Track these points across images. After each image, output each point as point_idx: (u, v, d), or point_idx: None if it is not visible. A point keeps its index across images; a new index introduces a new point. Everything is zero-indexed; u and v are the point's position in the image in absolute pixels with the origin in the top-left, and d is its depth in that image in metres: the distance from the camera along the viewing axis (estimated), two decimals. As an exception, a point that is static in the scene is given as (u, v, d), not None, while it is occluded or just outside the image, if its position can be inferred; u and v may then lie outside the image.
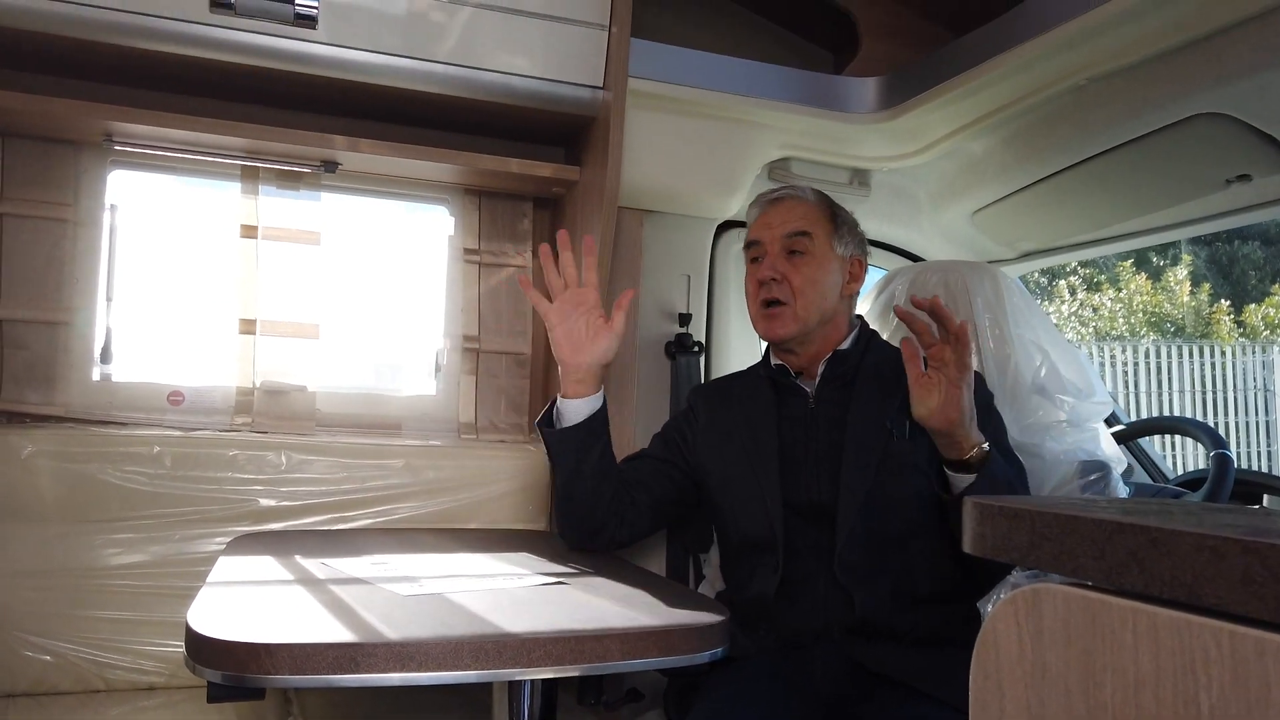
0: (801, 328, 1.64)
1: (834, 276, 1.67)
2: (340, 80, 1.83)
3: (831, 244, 1.69)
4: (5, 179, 1.88)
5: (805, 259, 1.65)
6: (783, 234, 1.67)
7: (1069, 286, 12.44)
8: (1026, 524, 0.49)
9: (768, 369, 1.76)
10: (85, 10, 1.64)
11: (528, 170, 2.06)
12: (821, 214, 1.70)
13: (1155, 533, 0.42)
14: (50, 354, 1.91)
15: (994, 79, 1.77)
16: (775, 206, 1.72)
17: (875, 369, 1.67)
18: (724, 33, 2.32)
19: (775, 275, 1.64)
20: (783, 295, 1.64)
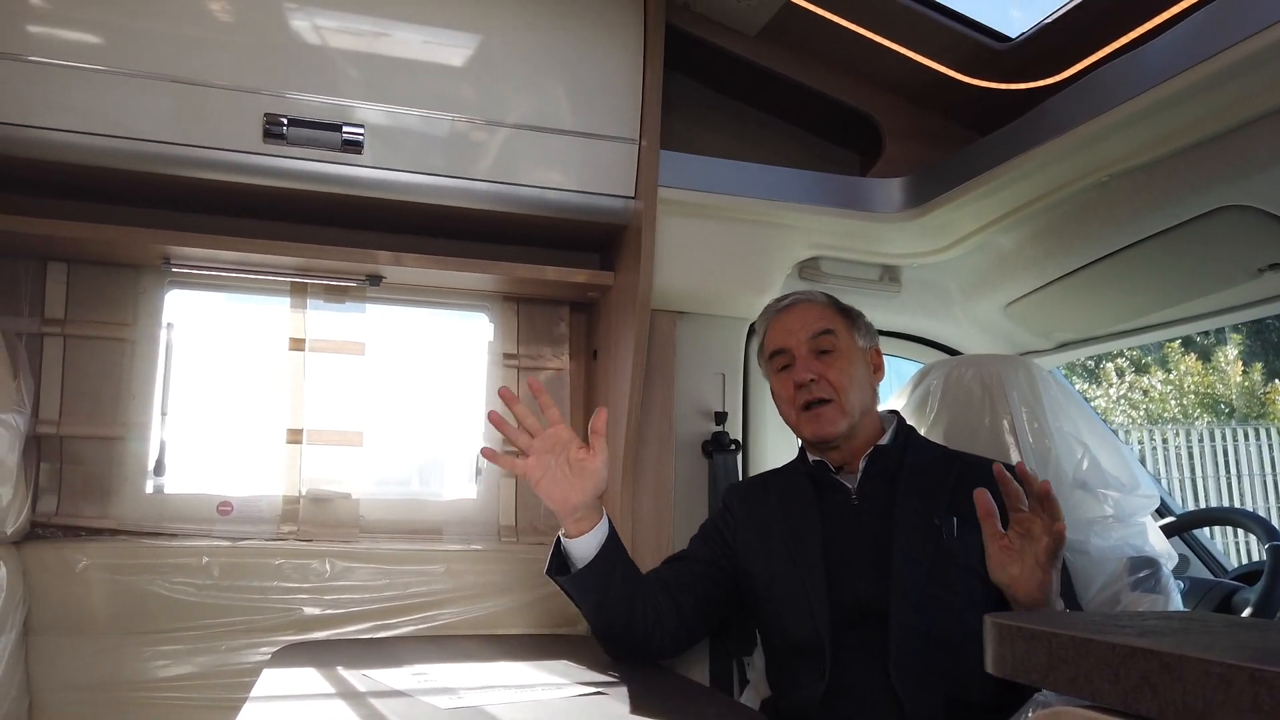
0: (849, 423, 1.67)
1: (863, 369, 1.72)
2: (384, 200, 1.93)
3: (853, 338, 1.75)
4: (70, 302, 1.98)
5: (835, 356, 1.70)
6: (808, 336, 1.72)
7: (1116, 369, 12.24)
8: (1044, 645, 0.49)
9: (806, 465, 1.75)
10: (147, 145, 1.76)
11: (563, 277, 2.12)
12: (836, 312, 1.78)
13: (1167, 658, 0.42)
14: (106, 468, 1.97)
15: (1017, 176, 1.81)
16: (790, 312, 1.78)
17: (918, 465, 1.66)
18: (751, 140, 2.40)
19: (813, 375, 1.68)
20: (825, 393, 1.68)
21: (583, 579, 1.58)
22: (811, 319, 1.75)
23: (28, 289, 1.95)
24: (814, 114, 2.37)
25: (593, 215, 2.05)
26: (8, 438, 1.67)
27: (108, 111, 1.73)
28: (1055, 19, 1.85)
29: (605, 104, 2.01)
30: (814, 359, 1.70)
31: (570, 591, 1.62)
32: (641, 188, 2.01)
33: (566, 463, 1.59)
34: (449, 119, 1.92)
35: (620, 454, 2.05)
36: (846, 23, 2.05)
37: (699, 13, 2.11)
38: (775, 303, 1.85)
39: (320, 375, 2.13)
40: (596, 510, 1.61)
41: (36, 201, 1.92)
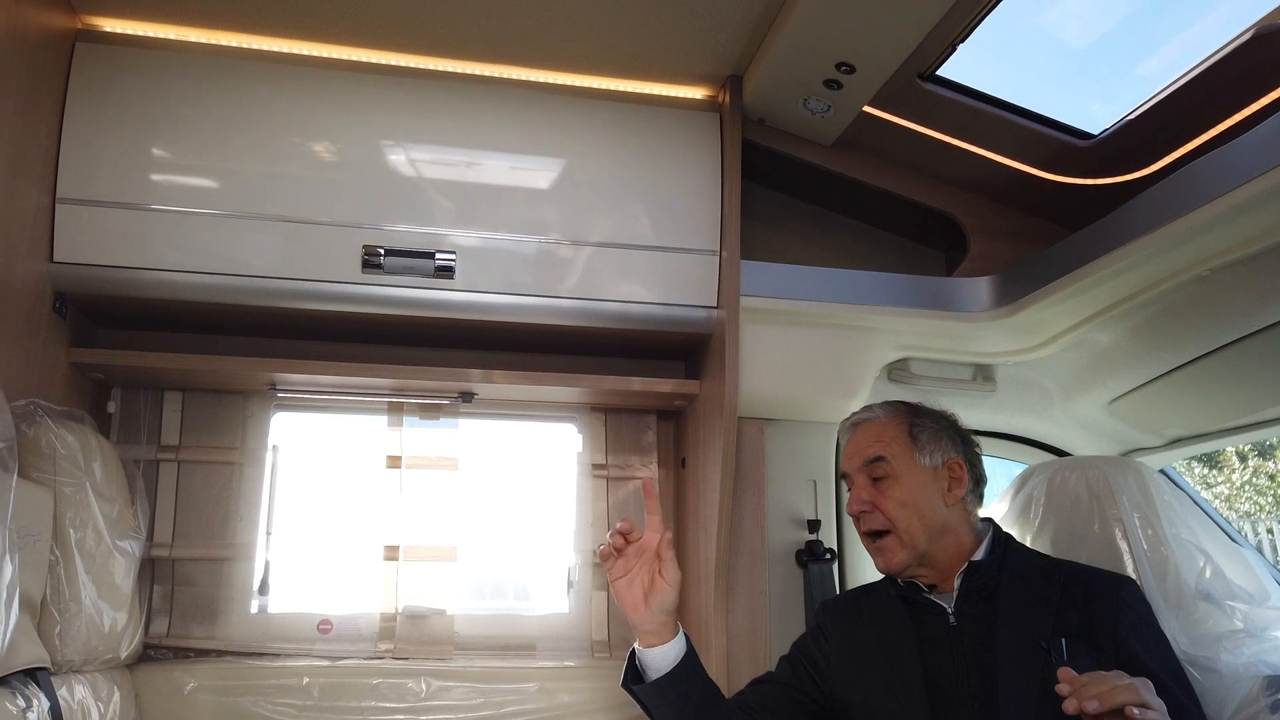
0: (910, 554, 1.58)
1: (926, 490, 1.61)
2: (475, 320, 1.99)
3: (913, 458, 1.63)
4: (183, 428, 2.09)
5: (889, 483, 1.62)
6: (861, 463, 1.65)
7: (1238, 453, 11.53)
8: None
9: (897, 586, 1.66)
10: (257, 280, 1.87)
11: (649, 388, 2.14)
12: (897, 431, 1.67)
13: None
14: (214, 589, 2.04)
15: (1111, 273, 1.76)
16: (853, 435, 1.72)
17: (1018, 579, 1.56)
18: (833, 244, 2.41)
19: (865, 506, 1.62)
20: (878, 524, 1.60)
21: (660, 690, 1.54)
22: (866, 443, 1.67)
23: (146, 418, 2.07)
24: (895, 216, 2.37)
25: (676, 326, 2.07)
26: (124, 564, 1.74)
27: (222, 251, 1.86)
28: (1139, 115, 1.83)
29: (685, 219, 2.05)
30: (869, 486, 1.63)
31: (646, 703, 1.57)
32: (723, 297, 2.03)
33: (647, 574, 1.55)
34: (535, 241, 1.99)
35: (712, 565, 2.02)
36: (923, 129, 2.06)
37: (774, 127, 2.16)
38: (847, 419, 1.78)
39: (415, 491, 2.18)
40: (672, 625, 1.57)
41: (156, 335, 2.05)
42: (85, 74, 1.83)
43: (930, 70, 1.91)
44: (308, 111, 1.93)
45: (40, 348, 1.76)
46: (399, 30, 1.91)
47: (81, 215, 1.80)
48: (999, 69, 2.02)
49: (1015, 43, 2.00)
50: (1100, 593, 1.51)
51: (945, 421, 1.71)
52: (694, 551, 2.16)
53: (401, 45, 1.97)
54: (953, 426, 1.72)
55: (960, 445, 1.68)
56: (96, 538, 1.67)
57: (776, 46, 1.85)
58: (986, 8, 1.72)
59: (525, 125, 2.04)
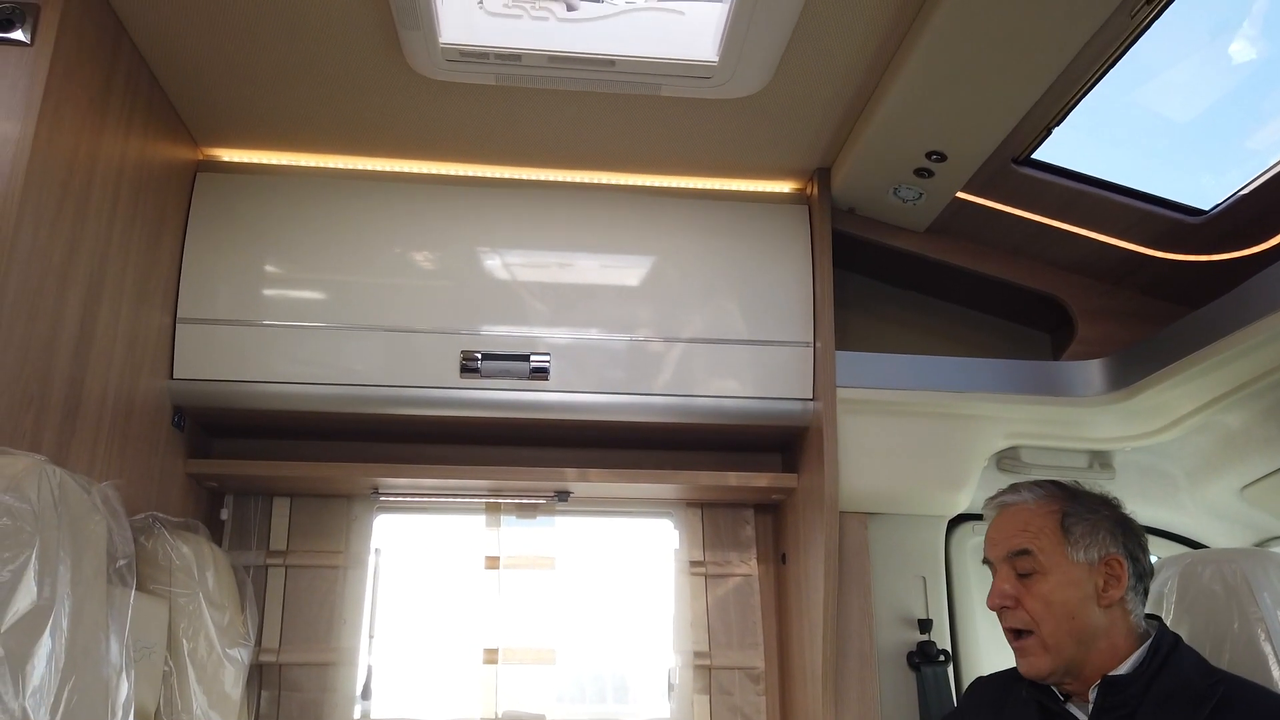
0: (1056, 660, 1.43)
1: (1079, 590, 1.45)
2: (570, 420, 2.01)
3: (1065, 553, 1.47)
4: (291, 533, 2.14)
5: (1036, 579, 1.46)
6: (1005, 553, 1.51)
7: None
8: None
9: (1034, 688, 1.53)
10: (361, 389, 1.93)
11: (745, 482, 2.11)
12: (1046, 520, 1.50)
13: None
14: (319, 694, 2.06)
15: (1235, 354, 1.66)
16: (1000, 517, 1.56)
17: (1166, 699, 1.38)
18: (932, 330, 2.35)
19: (1007, 601, 1.48)
20: (1021, 623, 1.47)
21: None
22: (1012, 531, 1.51)
23: (256, 524, 2.13)
24: (995, 299, 2.30)
25: (772, 419, 2.04)
26: (234, 673, 1.77)
27: (328, 361, 1.93)
28: (1253, 188, 1.75)
29: (778, 311, 2.04)
30: (1014, 579, 1.48)
31: None
32: (819, 389, 2.00)
33: None
34: (627, 338, 2.01)
35: (819, 668, 1.94)
36: (1021, 212, 2.01)
37: (864, 216, 2.14)
38: (993, 497, 1.61)
39: (514, 592, 2.17)
40: None
41: (265, 444, 2.13)
42: (205, 201, 1.96)
43: (1025, 154, 1.88)
44: (407, 224, 2.01)
45: (160, 461, 1.84)
46: (493, 144, 1.99)
47: (199, 334, 1.90)
48: (1099, 148, 1.97)
49: (1115, 121, 1.95)
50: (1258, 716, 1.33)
51: (1106, 510, 1.55)
52: (799, 653, 2.08)
53: (495, 158, 2.05)
54: (1114, 515, 1.54)
55: (1120, 537, 1.51)
56: (208, 647, 1.70)
57: (865, 138, 1.85)
58: (1083, 90, 1.68)
59: (616, 225, 2.08)
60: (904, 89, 1.68)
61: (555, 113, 1.86)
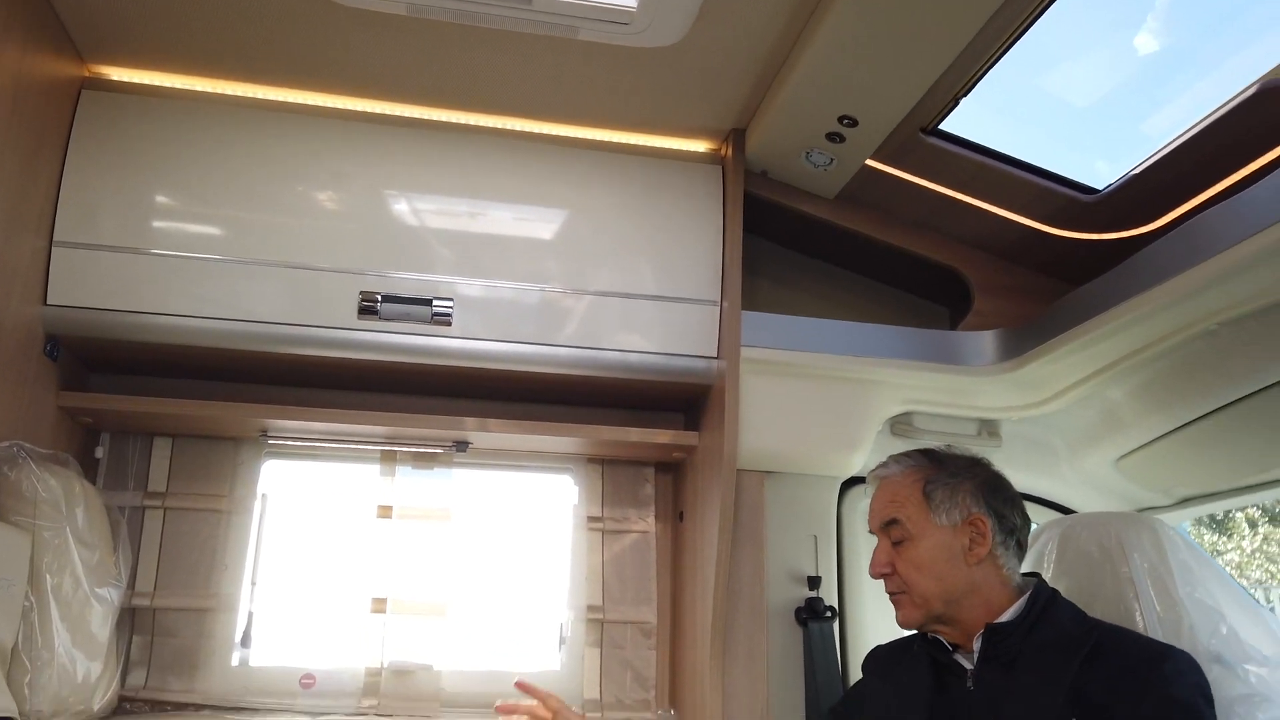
0: (926, 613, 1.53)
1: (944, 552, 1.54)
2: (471, 369, 1.97)
3: (929, 519, 1.56)
4: (172, 475, 2.05)
5: (905, 546, 1.57)
6: (879, 524, 1.62)
7: (1248, 519, 11.37)
8: None
9: (924, 641, 1.61)
10: (255, 326, 1.85)
11: (647, 438, 2.11)
12: (911, 490, 1.59)
13: None
14: (195, 641, 1.98)
15: (1117, 328, 1.73)
16: (874, 492, 1.67)
17: (1044, 645, 1.46)
18: (836, 299, 2.38)
19: (884, 569, 1.59)
20: (896, 587, 1.57)
21: None
22: (882, 504, 1.63)
23: (134, 464, 2.03)
24: (899, 271, 2.35)
25: (676, 376, 2.04)
26: (102, 613, 1.70)
27: (220, 296, 1.84)
28: (1144, 170, 1.82)
29: (686, 269, 2.04)
30: (888, 546, 1.60)
31: None
32: (724, 348, 2.00)
33: None
34: (534, 290, 1.98)
35: (709, 622, 1.96)
36: (927, 183, 2.05)
37: (777, 180, 2.15)
38: (871, 472, 1.72)
39: (406, 543, 2.13)
40: None
41: (147, 380, 2.03)
42: (90, 121, 1.84)
43: (933, 124, 1.91)
44: (309, 159, 1.93)
45: (29, 391, 1.74)
46: (404, 82, 1.92)
47: (78, 259, 1.79)
48: (1002, 126, 2.02)
49: (1018, 102, 2.00)
50: (1132, 668, 1.39)
51: (970, 472, 1.61)
52: (691, 608, 2.10)
53: (406, 96, 1.97)
54: (979, 476, 1.61)
55: (984, 497, 1.57)
56: (74, 584, 1.62)
57: (780, 99, 1.85)
58: (989, 61, 1.72)
59: (527, 176, 2.04)
60: (818, 51, 1.69)
61: (470, 52, 1.81)
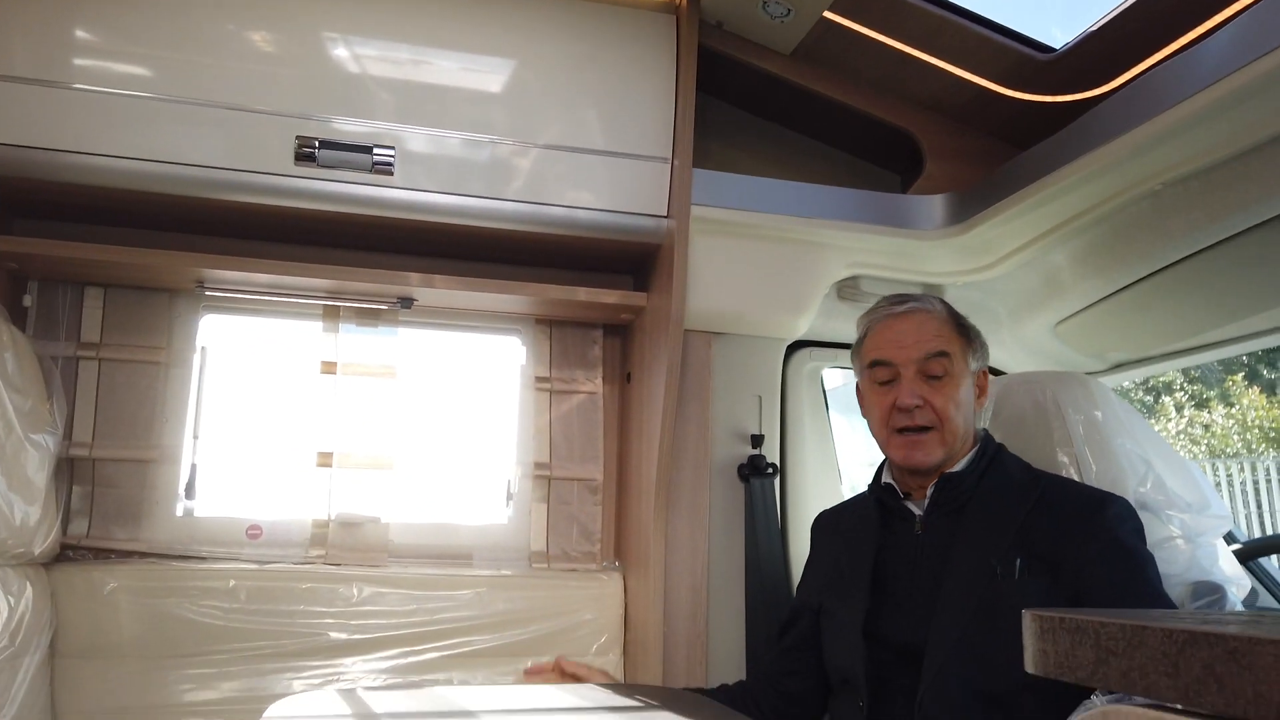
0: (946, 453, 1.53)
1: (970, 395, 1.57)
2: (415, 221, 1.92)
3: (967, 361, 1.58)
4: (105, 326, 1.99)
5: (946, 382, 1.53)
6: (920, 355, 1.55)
7: (1175, 404, 11.87)
8: (1091, 638, 0.43)
9: (877, 488, 1.65)
10: (185, 169, 1.77)
11: (595, 298, 2.09)
12: (955, 329, 1.61)
13: (1234, 643, 0.36)
14: (138, 491, 1.97)
15: (1064, 189, 1.74)
16: (905, 321, 1.60)
17: (991, 494, 1.51)
18: (789, 161, 2.35)
19: (918, 402, 1.52)
20: (927, 421, 1.52)
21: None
22: (928, 335, 1.56)
23: (65, 313, 1.97)
24: (853, 134, 2.32)
25: (625, 235, 2.02)
26: (37, 458, 1.67)
27: (149, 137, 1.75)
28: (1099, 28, 1.79)
29: (637, 124, 1.99)
30: (921, 382, 1.54)
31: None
32: (674, 206, 1.98)
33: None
34: (480, 140, 1.91)
35: (654, 479, 2.00)
36: (884, 38, 2.00)
37: (732, 32, 2.09)
38: (887, 303, 1.65)
39: (351, 399, 2.11)
40: None
41: (75, 227, 1.95)
42: (-2, -62, 1.70)
43: (892, -27, 1.85)
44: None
45: (-54, 230, 1.66)
46: (337, -95, 1.80)
47: (-10, 90, 1.68)
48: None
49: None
50: (1076, 513, 1.46)
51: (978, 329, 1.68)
52: (636, 465, 2.14)
53: (341, -76, 1.86)
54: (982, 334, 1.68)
55: (989, 356, 1.67)
56: (6, 429, 1.59)
57: (735, -60, 1.78)
58: (952, -97, 1.66)
59: (474, 21, 1.94)
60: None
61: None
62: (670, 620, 1.99)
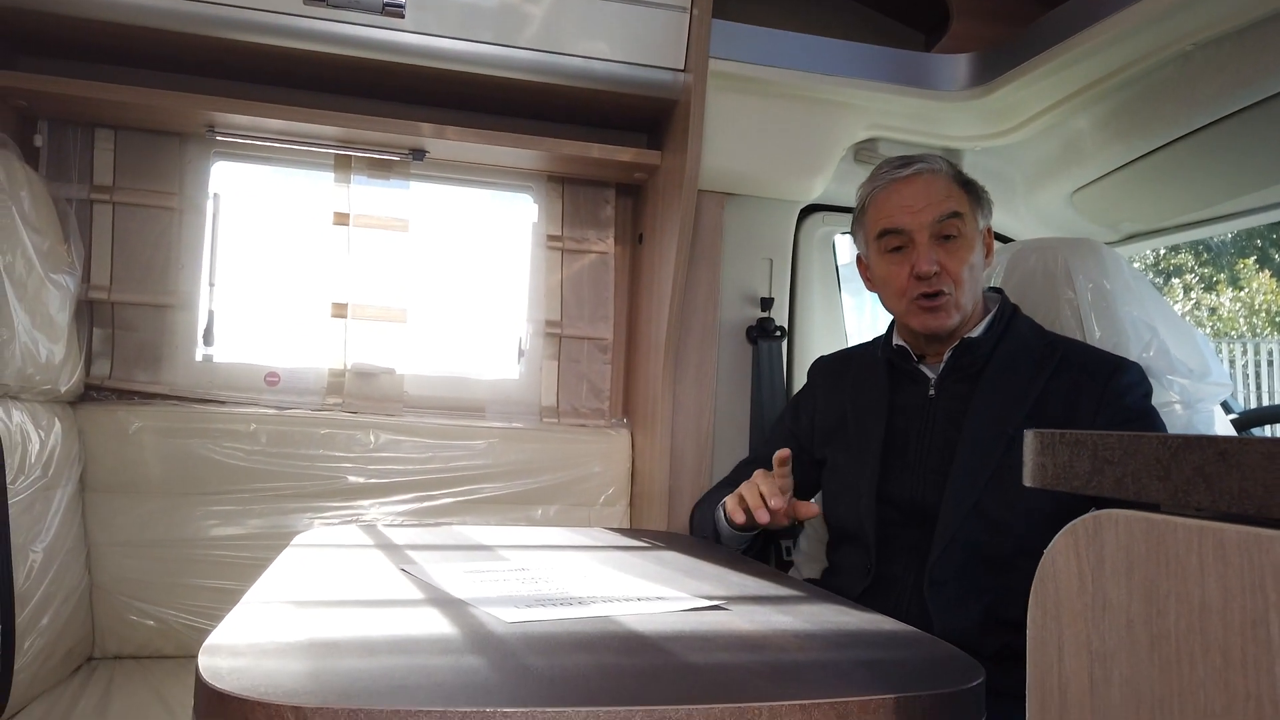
0: (962, 316, 1.50)
1: (981, 255, 1.54)
2: (427, 68, 1.88)
3: (977, 219, 1.54)
4: (117, 169, 1.98)
5: (958, 243, 1.50)
6: (933, 219, 1.49)
7: (1184, 285, 11.83)
8: (1089, 450, 0.46)
9: (888, 349, 1.62)
10: (189, 5, 1.72)
11: (609, 155, 2.07)
12: (962, 187, 1.55)
13: (1225, 445, 0.38)
14: (158, 336, 2.01)
15: (1091, 50, 1.69)
16: (913, 185, 1.53)
17: (1009, 359, 1.50)
18: (811, 16, 2.28)
19: (935, 268, 1.48)
20: (944, 286, 1.48)
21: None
22: (938, 197, 1.50)
23: (76, 156, 1.96)
24: (878, -13, 2.24)
25: (641, 89, 1.98)
26: (59, 297, 1.69)
27: (151, -30, 1.70)
28: (1145, -127, 1.70)
29: (656, -30, 1.91)
30: (936, 245, 1.49)
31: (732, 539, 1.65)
32: (692, 59, 1.93)
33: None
34: (494, -16, 1.85)
35: (663, 339, 2.02)
36: (916, -119, 1.91)
37: None
38: (890, 167, 1.57)
39: (364, 251, 2.12)
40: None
41: (82, 66, 1.92)
42: None
43: None
44: None
45: (-48, 63, 1.63)
46: None
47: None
48: None
49: None
50: (1091, 379, 1.45)
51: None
52: (646, 325, 2.16)
53: None
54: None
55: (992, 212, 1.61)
56: (27, 266, 1.61)
57: None
58: None
59: None
60: None
61: None
62: (675, 475, 2.05)
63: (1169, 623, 0.40)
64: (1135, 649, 0.42)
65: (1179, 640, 0.40)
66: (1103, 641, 0.44)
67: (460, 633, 0.79)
